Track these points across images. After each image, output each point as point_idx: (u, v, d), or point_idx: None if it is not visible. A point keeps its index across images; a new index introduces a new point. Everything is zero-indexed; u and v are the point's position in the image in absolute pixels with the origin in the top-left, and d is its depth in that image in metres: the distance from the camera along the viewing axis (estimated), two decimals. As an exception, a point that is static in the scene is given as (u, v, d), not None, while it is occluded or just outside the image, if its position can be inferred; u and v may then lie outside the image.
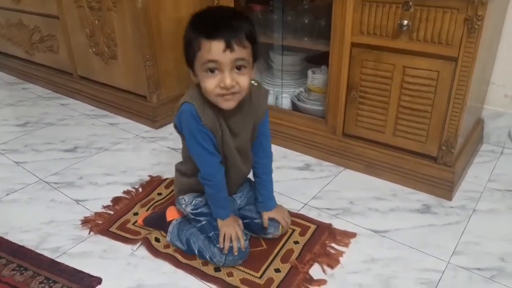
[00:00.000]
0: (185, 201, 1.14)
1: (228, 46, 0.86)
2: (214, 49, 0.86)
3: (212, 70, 0.89)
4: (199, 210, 1.11)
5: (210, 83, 0.90)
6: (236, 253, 1.03)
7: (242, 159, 1.08)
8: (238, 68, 0.90)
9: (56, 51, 2.18)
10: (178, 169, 1.17)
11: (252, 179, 1.18)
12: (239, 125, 1.02)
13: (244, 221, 1.14)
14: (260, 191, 1.14)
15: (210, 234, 1.07)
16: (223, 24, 0.87)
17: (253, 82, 1.02)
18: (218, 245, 1.04)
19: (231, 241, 1.04)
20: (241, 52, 0.88)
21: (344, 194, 1.35)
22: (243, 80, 0.91)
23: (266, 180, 1.14)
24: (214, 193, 1.05)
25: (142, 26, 1.64)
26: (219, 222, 1.06)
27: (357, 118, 1.41)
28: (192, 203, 1.12)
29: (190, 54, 0.91)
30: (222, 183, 1.05)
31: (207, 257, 1.06)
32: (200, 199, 1.12)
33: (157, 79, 1.76)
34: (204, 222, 1.09)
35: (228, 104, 0.93)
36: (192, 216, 1.12)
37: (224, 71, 0.89)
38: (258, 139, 1.10)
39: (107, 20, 1.77)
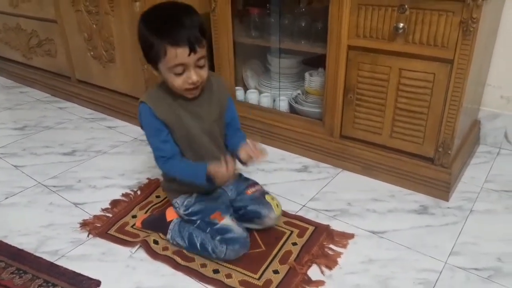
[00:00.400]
0: (178, 204, 1.17)
1: (192, 50, 0.97)
2: (180, 55, 0.97)
3: (179, 72, 1.00)
4: (190, 210, 1.13)
5: (178, 81, 1.01)
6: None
7: (211, 139, 1.14)
8: (200, 64, 1.01)
9: (54, 55, 2.18)
10: (162, 174, 1.23)
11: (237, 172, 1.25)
12: (202, 107, 1.11)
13: (239, 212, 1.16)
14: (236, 144, 1.15)
15: (207, 232, 1.09)
16: (183, 28, 0.96)
17: (212, 74, 1.16)
18: (217, 238, 1.06)
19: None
20: (201, 51, 1.00)
21: (342, 195, 1.36)
22: (204, 73, 1.04)
23: (240, 135, 1.21)
24: (180, 173, 1.10)
25: (140, 29, 1.64)
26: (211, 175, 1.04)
27: (354, 120, 1.42)
28: (184, 204, 1.15)
29: (152, 55, 1.00)
30: (180, 163, 1.10)
31: (209, 249, 1.07)
32: (189, 199, 1.15)
33: (155, 82, 1.77)
34: (198, 222, 1.11)
35: (193, 95, 1.07)
36: (186, 218, 1.14)
37: (190, 70, 1.00)
38: (231, 123, 1.20)
39: (105, 24, 1.78)
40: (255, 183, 1.22)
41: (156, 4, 1.02)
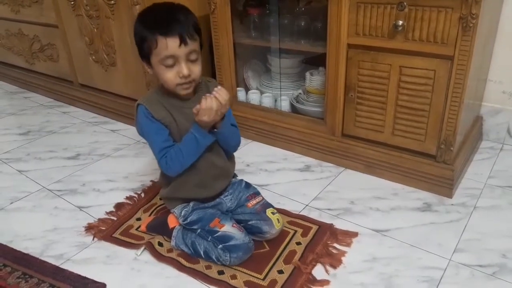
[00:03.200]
0: (176, 213, 1.17)
1: (182, 41, 0.98)
2: (171, 45, 0.98)
3: (170, 65, 1.01)
4: (188, 220, 1.12)
5: (169, 75, 1.02)
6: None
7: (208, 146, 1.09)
8: (191, 59, 1.02)
9: (56, 60, 2.19)
10: (159, 183, 1.24)
11: (239, 178, 1.24)
12: None
13: (241, 225, 1.14)
14: None
15: (209, 240, 1.08)
16: (175, 21, 0.99)
17: (208, 79, 1.18)
18: (220, 247, 1.06)
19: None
20: (193, 44, 1.01)
21: (345, 194, 1.36)
22: (197, 69, 1.04)
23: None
24: (183, 155, 1.05)
25: (141, 33, 1.65)
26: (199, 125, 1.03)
27: (355, 118, 1.42)
28: (182, 215, 1.14)
29: (145, 50, 1.02)
30: (177, 147, 1.06)
31: (214, 257, 1.07)
32: (186, 209, 1.14)
33: (154, 86, 1.77)
34: (199, 230, 1.10)
35: (186, 91, 1.06)
36: (187, 227, 1.13)
37: (181, 63, 1.01)
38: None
39: (106, 28, 1.79)
40: (256, 194, 1.20)
41: (152, 4, 1.05)
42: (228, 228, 1.08)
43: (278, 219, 1.14)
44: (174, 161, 1.05)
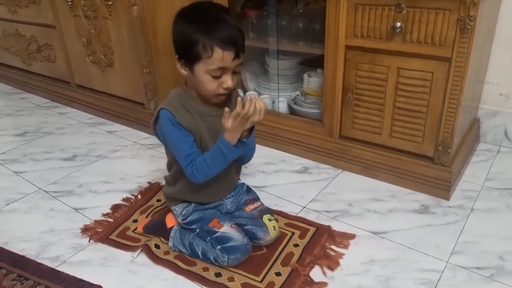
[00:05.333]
0: (176, 212, 1.16)
1: (237, 56, 0.97)
2: (226, 58, 0.95)
3: (218, 76, 0.98)
4: (188, 219, 1.13)
5: (213, 85, 0.99)
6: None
7: None
8: (237, 71, 1.01)
9: (53, 60, 2.19)
10: (165, 180, 1.22)
11: (241, 182, 1.24)
12: (219, 122, 1.01)
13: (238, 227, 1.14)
14: None
15: (207, 240, 1.08)
16: (233, 32, 0.95)
17: None
18: (218, 247, 1.05)
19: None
20: (242, 57, 0.99)
21: (343, 196, 1.36)
22: (235, 80, 1.02)
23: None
24: (209, 166, 1.02)
25: (138, 33, 1.65)
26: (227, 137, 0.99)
27: (353, 120, 1.42)
28: (182, 214, 1.14)
29: (194, 54, 0.96)
30: (203, 157, 1.03)
31: (211, 258, 1.06)
32: (187, 208, 1.14)
33: (155, 86, 1.77)
34: (197, 230, 1.10)
35: (220, 100, 1.03)
36: (185, 226, 1.14)
37: (228, 74, 0.98)
38: None
39: (103, 29, 1.78)
40: (255, 199, 1.20)
41: (194, 3, 1.00)
42: (226, 229, 1.08)
43: (274, 227, 1.13)
44: (199, 172, 1.02)
